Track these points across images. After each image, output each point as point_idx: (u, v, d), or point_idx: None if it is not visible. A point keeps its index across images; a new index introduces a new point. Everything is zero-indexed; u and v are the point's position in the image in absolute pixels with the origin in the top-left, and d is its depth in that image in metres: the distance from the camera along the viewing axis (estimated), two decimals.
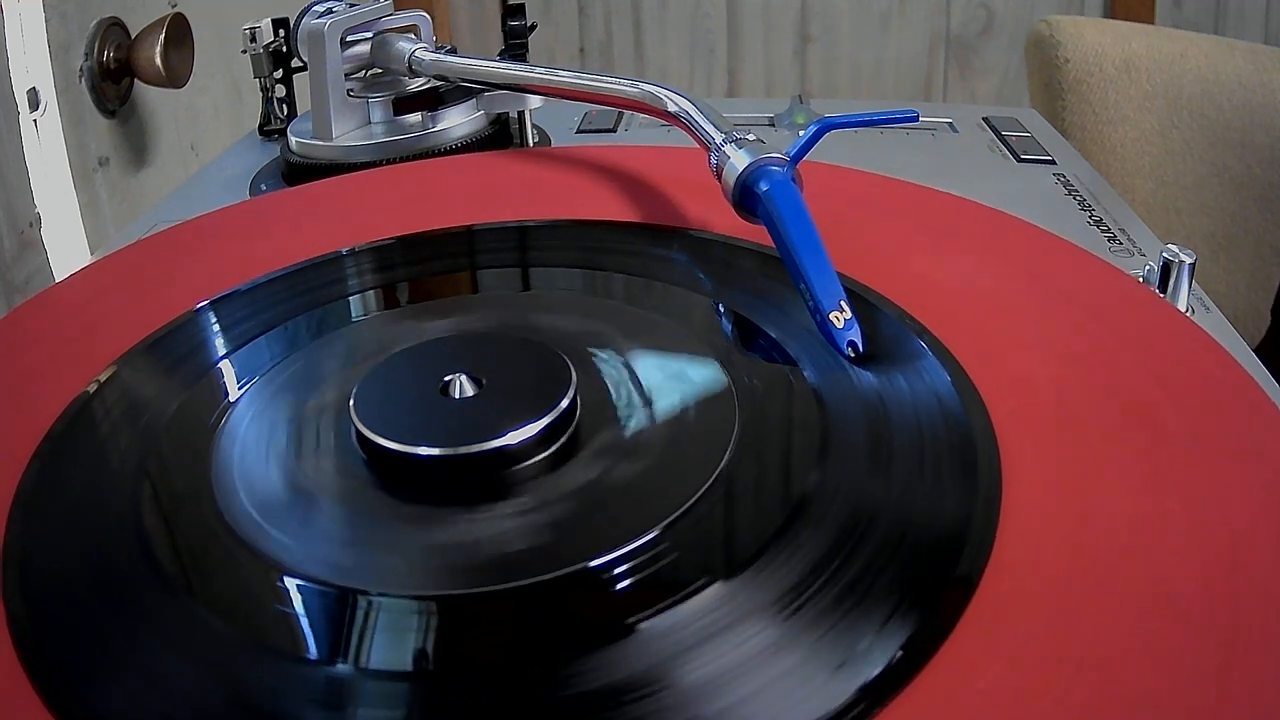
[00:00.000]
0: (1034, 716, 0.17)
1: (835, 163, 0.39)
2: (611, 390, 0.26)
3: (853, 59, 1.36)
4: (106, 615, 0.21)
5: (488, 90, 0.47)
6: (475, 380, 0.25)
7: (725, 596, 0.20)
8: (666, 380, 0.27)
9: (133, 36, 0.65)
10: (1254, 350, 0.30)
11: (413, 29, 0.49)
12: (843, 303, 0.27)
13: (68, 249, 0.61)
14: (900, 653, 0.18)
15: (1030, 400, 0.25)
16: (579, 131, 0.55)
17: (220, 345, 0.30)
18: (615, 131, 0.55)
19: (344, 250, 0.35)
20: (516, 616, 0.20)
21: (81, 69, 0.62)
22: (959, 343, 0.27)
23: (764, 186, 0.31)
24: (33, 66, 0.58)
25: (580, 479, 0.23)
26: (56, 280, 0.58)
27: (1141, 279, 0.32)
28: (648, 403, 0.26)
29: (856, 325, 0.27)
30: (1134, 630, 0.19)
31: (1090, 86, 0.75)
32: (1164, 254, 0.32)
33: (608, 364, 0.27)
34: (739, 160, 0.32)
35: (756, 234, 0.32)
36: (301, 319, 0.31)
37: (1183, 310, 0.31)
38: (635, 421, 0.25)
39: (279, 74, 0.56)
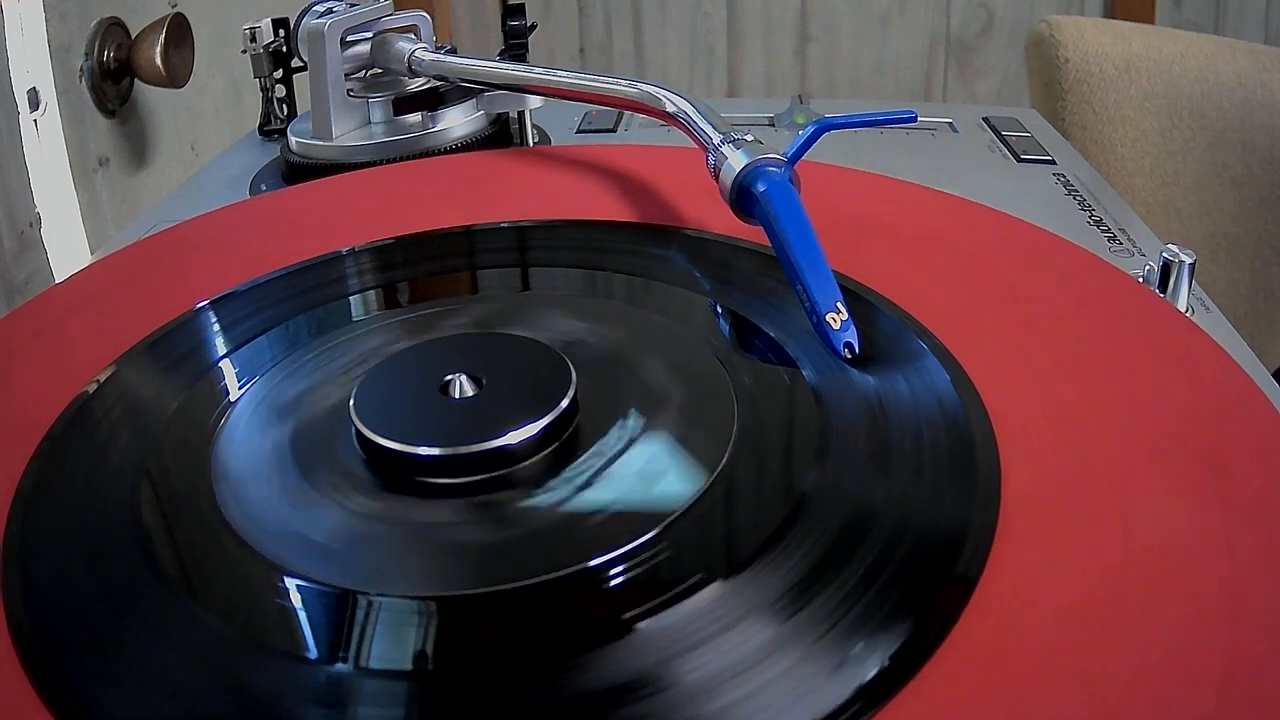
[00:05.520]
0: (1032, 717, 0.17)
1: (834, 164, 0.39)
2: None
3: (853, 59, 1.36)
4: (106, 615, 0.21)
5: (488, 90, 0.47)
6: (475, 380, 0.25)
7: (724, 596, 0.20)
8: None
9: (133, 36, 0.65)
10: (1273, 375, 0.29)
11: (413, 29, 0.49)
12: (839, 304, 0.27)
13: (68, 249, 0.61)
14: (898, 653, 0.18)
15: (1030, 400, 0.25)
16: (579, 131, 0.55)
17: (220, 345, 0.30)
18: (615, 131, 0.55)
19: (343, 250, 0.35)
20: (516, 616, 0.20)
21: (81, 69, 0.62)
22: (958, 343, 0.27)
23: (761, 187, 0.31)
24: (33, 66, 0.58)
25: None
26: (56, 280, 0.58)
27: (1141, 279, 0.32)
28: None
29: (853, 326, 0.27)
30: (1133, 631, 0.19)
31: (1090, 86, 0.75)
32: (1164, 254, 0.32)
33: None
34: (736, 161, 0.32)
35: (755, 234, 0.32)
36: (301, 319, 0.31)
37: (1183, 310, 0.31)
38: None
39: (279, 74, 0.56)
